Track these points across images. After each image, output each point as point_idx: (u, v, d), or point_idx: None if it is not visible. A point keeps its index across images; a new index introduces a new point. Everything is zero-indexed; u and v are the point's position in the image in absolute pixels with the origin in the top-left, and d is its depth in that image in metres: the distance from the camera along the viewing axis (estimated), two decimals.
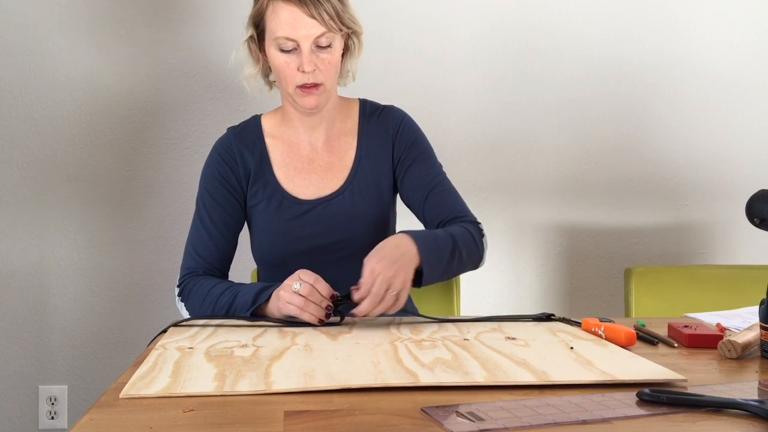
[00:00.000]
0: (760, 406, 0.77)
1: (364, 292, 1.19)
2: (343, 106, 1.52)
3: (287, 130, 1.50)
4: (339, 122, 1.51)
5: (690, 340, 1.13)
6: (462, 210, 1.47)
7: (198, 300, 1.36)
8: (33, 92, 2.13)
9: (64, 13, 2.13)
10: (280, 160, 1.48)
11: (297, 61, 1.36)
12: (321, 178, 1.47)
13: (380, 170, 1.49)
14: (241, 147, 1.48)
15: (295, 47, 1.35)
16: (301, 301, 1.20)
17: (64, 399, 2.17)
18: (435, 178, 1.48)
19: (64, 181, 2.15)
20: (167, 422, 0.75)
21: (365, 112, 1.52)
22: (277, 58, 1.37)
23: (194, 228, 1.47)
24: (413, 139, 1.51)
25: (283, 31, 1.34)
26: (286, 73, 1.37)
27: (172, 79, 2.17)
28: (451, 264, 1.33)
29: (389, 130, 1.50)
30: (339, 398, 0.82)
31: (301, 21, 1.33)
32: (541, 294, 2.31)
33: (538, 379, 0.89)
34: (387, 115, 1.52)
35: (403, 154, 1.49)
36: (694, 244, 2.34)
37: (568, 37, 2.27)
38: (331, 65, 1.38)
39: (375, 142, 1.49)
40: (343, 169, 1.48)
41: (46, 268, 2.16)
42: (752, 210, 1.09)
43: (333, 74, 1.40)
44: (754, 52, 2.33)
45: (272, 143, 1.49)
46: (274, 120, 1.51)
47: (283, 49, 1.36)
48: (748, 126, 2.34)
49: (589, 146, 2.30)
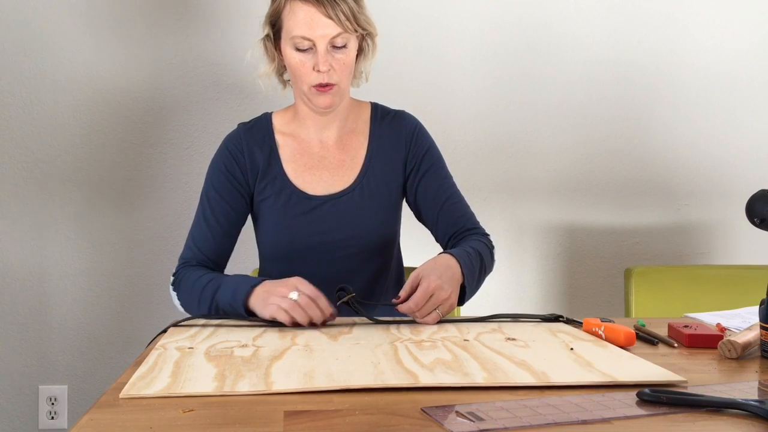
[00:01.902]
0: (760, 406, 0.77)
1: (414, 307, 1.22)
2: (355, 107, 1.54)
3: (298, 127, 1.51)
4: (351, 122, 1.52)
5: (690, 340, 1.13)
6: (474, 222, 1.52)
7: (186, 291, 1.37)
8: (33, 92, 2.13)
9: (64, 14, 2.13)
10: (290, 156, 1.49)
11: (312, 61, 1.37)
12: (331, 174, 1.48)
13: (390, 172, 1.50)
14: (250, 142, 1.48)
15: (311, 47, 1.36)
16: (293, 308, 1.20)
17: (64, 399, 2.17)
18: (448, 189, 1.51)
19: (64, 181, 2.15)
20: (167, 422, 0.75)
21: (377, 114, 1.54)
22: (292, 57, 1.39)
23: (196, 220, 1.48)
24: (428, 147, 1.53)
25: (300, 30, 1.35)
26: (301, 72, 1.39)
27: (172, 79, 2.17)
28: (480, 281, 1.39)
29: (402, 134, 1.52)
30: (339, 398, 0.82)
31: (317, 21, 1.34)
32: (541, 294, 2.31)
33: (538, 380, 0.89)
34: (400, 120, 1.54)
35: (417, 161, 1.51)
36: (694, 244, 2.34)
37: (569, 39, 2.28)
38: (346, 66, 1.40)
39: (386, 144, 1.51)
40: (354, 168, 1.49)
41: (46, 268, 2.16)
42: (752, 210, 1.09)
43: (347, 74, 1.42)
44: (754, 53, 2.33)
45: (282, 140, 1.50)
46: (285, 117, 1.52)
47: (299, 48, 1.37)
48: (748, 126, 2.34)
49: (590, 147, 2.30)
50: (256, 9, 2.17)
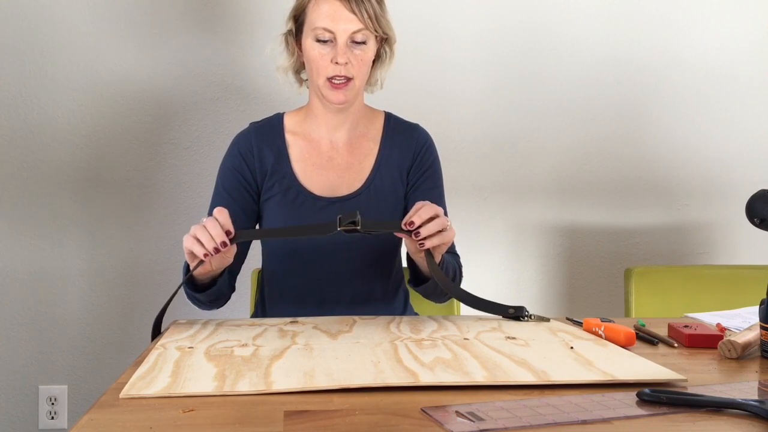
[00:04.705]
0: (760, 406, 0.77)
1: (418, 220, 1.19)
2: (368, 113, 1.55)
3: (309, 126, 1.52)
4: (362, 126, 1.53)
5: (690, 340, 1.13)
6: (453, 246, 1.52)
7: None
8: (33, 92, 2.13)
9: (64, 14, 2.13)
10: (299, 155, 1.49)
11: (332, 53, 1.39)
12: (338, 176, 1.49)
13: (397, 181, 1.51)
14: (260, 141, 1.50)
15: (332, 39, 1.39)
16: (197, 228, 1.17)
17: (64, 399, 2.17)
18: None
19: (64, 181, 2.15)
20: (167, 422, 0.75)
21: (390, 123, 1.56)
22: (312, 49, 1.41)
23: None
24: (431, 163, 1.54)
25: (323, 22, 1.39)
26: (319, 63, 1.41)
27: (172, 79, 2.17)
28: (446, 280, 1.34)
29: (413, 146, 1.53)
30: (339, 398, 0.82)
31: (341, 14, 1.38)
32: (541, 294, 2.31)
33: (538, 378, 0.89)
34: (413, 132, 1.55)
35: (418, 174, 1.53)
36: (694, 244, 2.34)
37: (568, 38, 2.28)
38: (363, 63, 1.42)
39: (396, 153, 1.52)
40: (362, 172, 1.50)
41: (46, 268, 2.16)
42: (752, 210, 1.09)
43: (364, 72, 1.44)
44: (754, 52, 2.33)
45: (292, 139, 1.51)
46: (297, 117, 1.54)
47: (319, 39, 1.40)
48: (748, 126, 2.34)
49: (590, 146, 2.30)
50: (256, 9, 2.18)
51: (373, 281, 1.50)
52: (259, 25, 2.17)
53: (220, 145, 1.98)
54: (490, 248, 2.28)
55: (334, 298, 1.47)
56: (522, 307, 1.30)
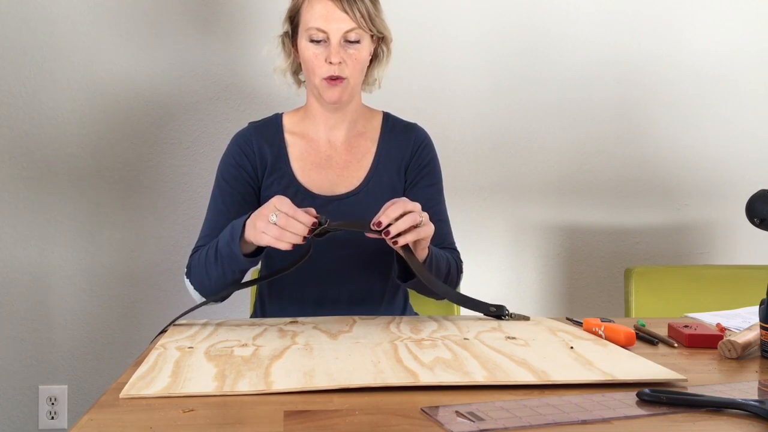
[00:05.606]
0: (760, 406, 0.77)
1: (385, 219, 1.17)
2: (366, 113, 1.56)
3: (308, 126, 1.53)
4: (360, 125, 1.54)
5: (690, 340, 1.13)
6: (452, 243, 1.53)
7: (196, 267, 1.38)
8: (33, 92, 2.13)
9: (64, 14, 2.13)
10: (298, 154, 1.50)
11: (325, 53, 1.40)
12: (337, 175, 1.49)
13: (395, 179, 1.52)
14: (260, 139, 1.50)
15: (325, 39, 1.40)
16: (276, 231, 1.18)
17: (64, 399, 2.17)
18: (436, 206, 1.51)
19: (64, 181, 2.15)
20: (167, 422, 0.75)
21: (388, 123, 1.56)
22: (307, 50, 1.42)
23: (208, 215, 1.49)
24: (429, 160, 1.54)
25: (316, 22, 1.39)
26: (314, 63, 1.41)
27: (172, 79, 2.17)
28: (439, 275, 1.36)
29: (411, 144, 1.54)
30: (339, 398, 0.82)
31: (333, 14, 1.39)
32: (541, 294, 2.31)
33: (538, 378, 0.89)
34: (410, 130, 1.56)
35: (415, 171, 1.53)
36: (694, 244, 2.34)
37: (568, 39, 2.28)
38: (358, 61, 1.43)
39: (394, 152, 1.53)
40: (360, 170, 1.50)
41: (46, 267, 2.16)
42: (752, 210, 1.09)
43: (359, 71, 1.44)
44: (753, 53, 2.33)
45: (291, 138, 1.52)
46: (296, 117, 1.55)
47: (313, 39, 1.40)
48: (748, 126, 2.34)
49: (589, 146, 2.30)
50: (256, 9, 2.18)
51: (372, 280, 1.50)
52: (259, 25, 2.17)
53: (219, 145, 1.97)
54: (490, 248, 2.28)
55: (333, 297, 1.47)
56: (503, 306, 1.32)
